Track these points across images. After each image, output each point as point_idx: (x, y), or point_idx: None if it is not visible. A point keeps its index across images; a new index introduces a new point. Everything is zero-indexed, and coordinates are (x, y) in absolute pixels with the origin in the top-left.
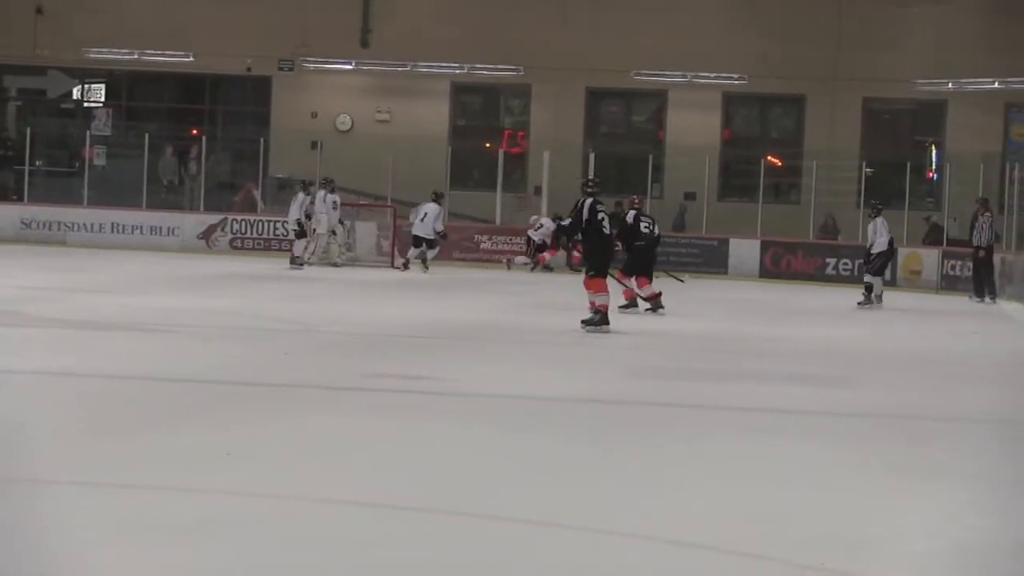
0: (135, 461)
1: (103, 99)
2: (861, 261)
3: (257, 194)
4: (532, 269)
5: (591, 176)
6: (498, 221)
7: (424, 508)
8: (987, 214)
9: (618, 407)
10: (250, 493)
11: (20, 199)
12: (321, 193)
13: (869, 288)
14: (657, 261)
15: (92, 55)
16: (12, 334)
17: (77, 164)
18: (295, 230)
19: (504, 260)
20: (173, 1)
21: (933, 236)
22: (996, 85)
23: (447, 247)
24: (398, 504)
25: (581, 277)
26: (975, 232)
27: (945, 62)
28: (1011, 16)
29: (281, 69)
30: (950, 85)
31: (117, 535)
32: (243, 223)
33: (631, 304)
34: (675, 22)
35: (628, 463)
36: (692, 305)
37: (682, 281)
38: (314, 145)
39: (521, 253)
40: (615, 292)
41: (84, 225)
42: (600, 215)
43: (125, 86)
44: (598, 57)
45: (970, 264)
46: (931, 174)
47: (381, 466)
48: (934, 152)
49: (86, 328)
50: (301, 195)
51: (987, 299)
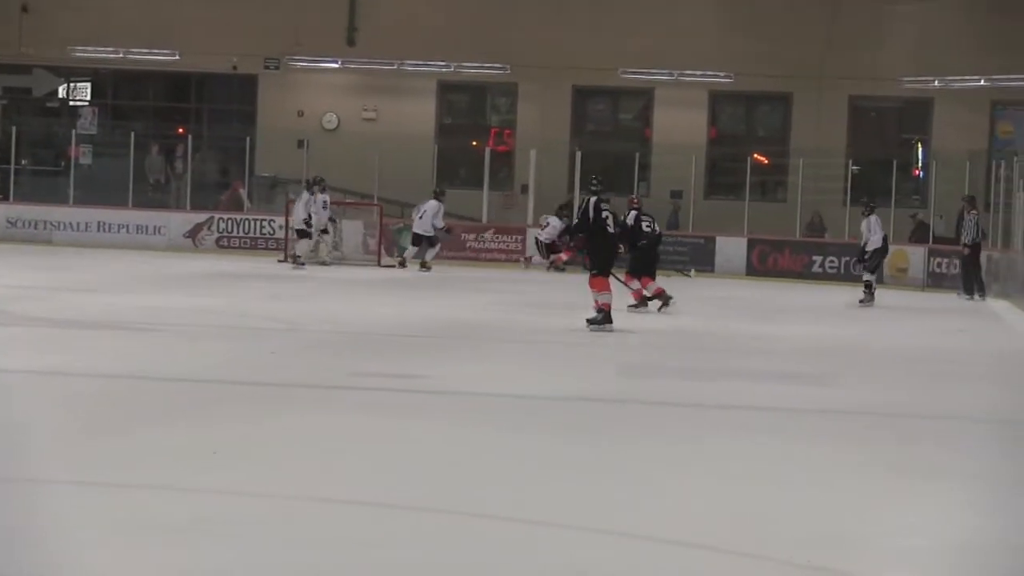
0: (126, 460)
1: (89, 98)
2: (852, 259)
3: (243, 193)
4: (548, 268)
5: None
6: (484, 219)
7: (420, 507)
8: (973, 212)
9: (610, 406)
10: (244, 492)
11: (6, 198)
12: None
13: (869, 286)
14: (660, 259)
15: (77, 54)
16: None
17: (63, 163)
18: (300, 229)
19: (522, 260)
20: None
21: (919, 234)
22: (982, 83)
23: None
24: (393, 503)
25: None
26: (962, 230)
27: (931, 60)
28: (997, 14)
29: (267, 67)
30: (936, 83)
31: (112, 534)
32: (229, 222)
33: (641, 304)
34: (662, 20)
35: (622, 462)
36: (680, 303)
37: (689, 276)
38: (300, 144)
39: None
40: (621, 293)
41: (70, 224)
42: (604, 214)
43: (111, 85)
44: (585, 55)
45: (956, 262)
46: (917, 172)
47: (375, 465)
48: (920, 150)
49: (72, 327)
50: (306, 194)
51: (976, 297)
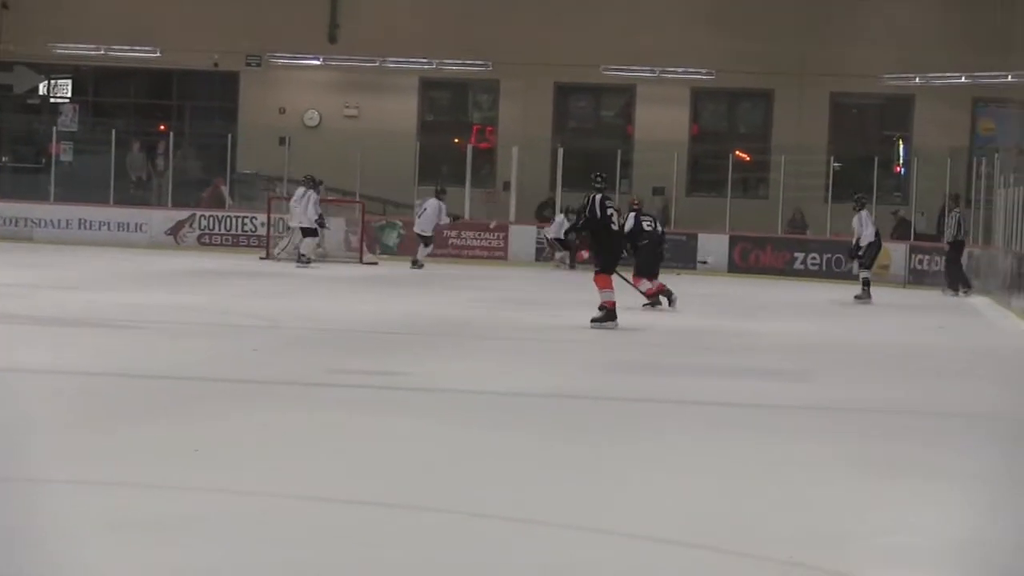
0: (108, 458)
1: (70, 95)
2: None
3: (225, 190)
4: (563, 262)
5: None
6: (467, 216)
7: (407, 505)
8: (956, 210)
9: (592, 403)
10: (227, 490)
11: None
12: (301, 190)
13: (866, 282)
14: (663, 258)
15: (59, 50)
16: None
17: (44, 160)
18: (305, 228)
19: (555, 258)
20: None
21: (901, 231)
22: (963, 80)
23: (415, 244)
24: (379, 501)
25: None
26: (946, 227)
27: (912, 57)
28: (978, 11)
29: (249, 65)
30: (917, 80)
31: (98, 532)
32: (211, 219)
33: (654, 302)
34: (643, 17)
35: (603, 459)
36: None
37: (678, 274)
38: (282, 141)
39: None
40: (629, 292)
41: (51, 221)
42: (609, 211)
43: (92, 82)
44: (566, 52)
45: (938, 259)
46: (898, 169)
47: (358, 463)
48: (901, 147)
49: (54, 324)
50: (314, 194)
51: (961, 293)
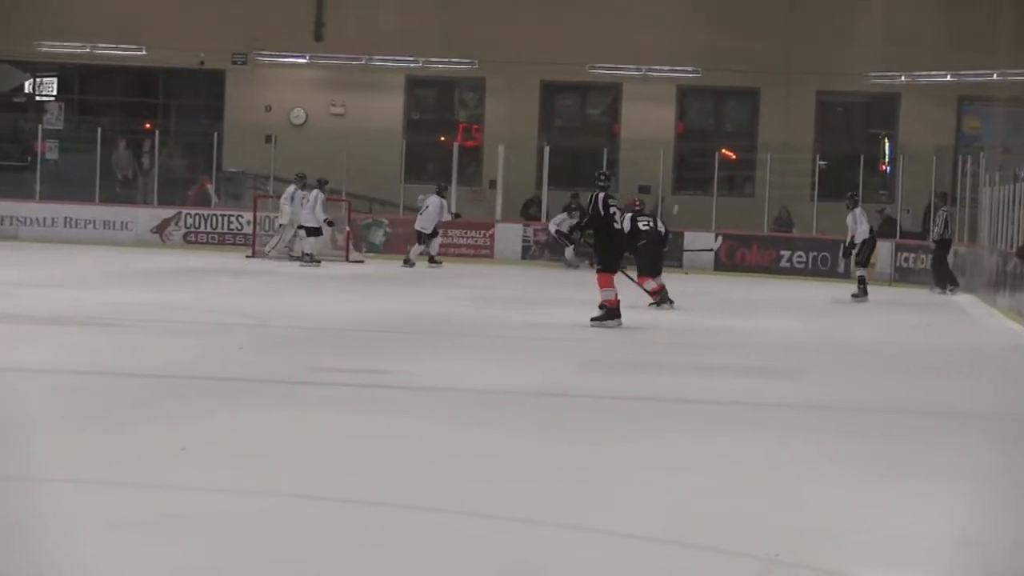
0: (94, 457)
1: (55, 93)
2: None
3: (211, 188)
4: (572, 260)
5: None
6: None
7: (394, 503)
8: (943, 208)
9: (578, 401)
10: (215, 489)
11: None
12: (291, 188)
13: (862, 280)
14: (665, 258)
15: (44, 48)
16: None
17: (29, 158)
18: (310, 227)
19: (565, 256)
20: None
21: (886, 229)
22: (949, 78)
23: (401, 242)
24: (366, 499)
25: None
26: (932, 225)
27: (898, 55)
28: (963, 10)
29: (235, 63)
30: (903, 78)
31: (87, 531)
32: (197, 217)
33: (662, 300)
34: (629, 15)
35: (587, 457)
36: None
37: (686, 273)
38: (268, 139)
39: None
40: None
41: (36, 220)
42: (612, 210)
43: (77, 80)
44: (552, 50)
45: (924, 257)
46: (884, 167)
47: (345, 461)
48: (887, 145)
49: (39, 323)
50: (319, 193)
51: (948, 291)
